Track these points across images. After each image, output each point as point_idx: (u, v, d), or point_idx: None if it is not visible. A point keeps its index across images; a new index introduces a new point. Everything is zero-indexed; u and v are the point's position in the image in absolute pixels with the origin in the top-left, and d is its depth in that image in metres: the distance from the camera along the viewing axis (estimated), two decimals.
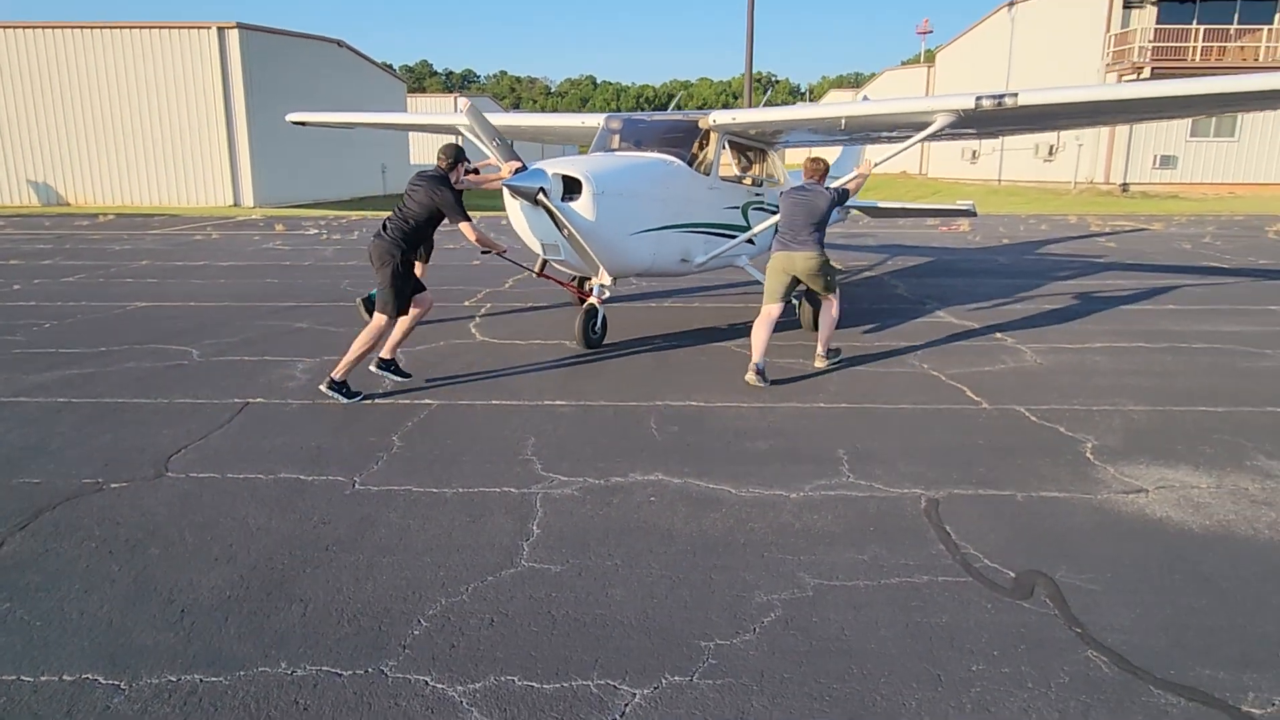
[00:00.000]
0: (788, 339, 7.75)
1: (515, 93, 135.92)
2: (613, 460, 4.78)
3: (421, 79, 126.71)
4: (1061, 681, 2.78)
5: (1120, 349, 7.51)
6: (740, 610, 3.22)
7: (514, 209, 7.07)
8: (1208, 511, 4.10)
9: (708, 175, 8.29)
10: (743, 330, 8.21)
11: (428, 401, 5.89)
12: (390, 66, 47.91)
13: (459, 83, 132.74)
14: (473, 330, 8.33)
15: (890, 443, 5.08)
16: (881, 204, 13.79)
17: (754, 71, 26.87)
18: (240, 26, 27.21)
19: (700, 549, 3.72)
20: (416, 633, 3.05)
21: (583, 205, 6.79)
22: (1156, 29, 29.04)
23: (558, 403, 5.88)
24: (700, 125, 8.37)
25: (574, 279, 8.48)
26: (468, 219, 6.08)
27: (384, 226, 6.05)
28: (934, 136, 8.23)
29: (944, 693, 2.73)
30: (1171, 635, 3.04)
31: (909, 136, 8.56)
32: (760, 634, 3.06)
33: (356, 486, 4.39)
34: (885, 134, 9.71)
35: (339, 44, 34.89)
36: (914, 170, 46.81)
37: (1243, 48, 29.40)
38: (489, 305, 9.74)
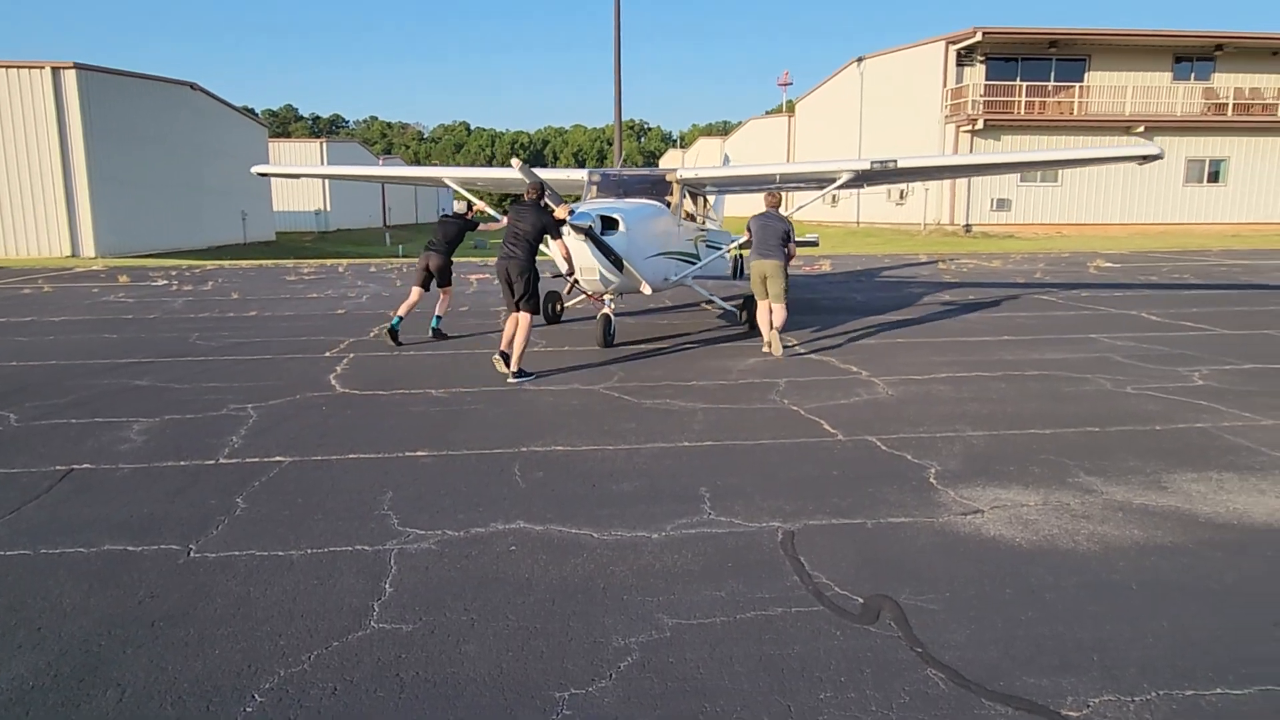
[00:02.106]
0: (657, 365, 7.86)
1: (386, 138, 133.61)
2: (473, 511, 4.66)
3: (286, 123, 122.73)
4: (902, 702, 2.89)
5: (961, 378, 8.03)
6: (597, 656, 3.19)
7: (568, 239, 8.70)
8: (1035, 528, 4.40)
9: (676, 215, 10.70)
10: (613, 375, 8.29)
11: (278, 459, 5.59)
12: (251, 110, 46.21)
13: (326, 127, 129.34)
14: (332, 381, 8.01)
15: (751, 478, 5.21)
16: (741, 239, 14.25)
17: (627, 119, 27.54)
18: (78, 67, 25.62)
19: (560, 597, 3.67)
20: (249, 709, 2.84)
21: (618, 237, 8.97)
22: (986, 84, 31.89)
23: (419, 453, 5.71)
24: (668, 179, 11.00)
25: (600, 294, 9.93)
26: (560, 236, 8.46)
27: (509, 254, 7.91)
28: (839, 188, 11.20)
29: None
30: (1001, 648, 3.23)
31: (821, 187, 11.83)
32: (616, 679, 3.04)
33: (192, 555, 4.09)
34: (803, 186, 12.92)
35: (192, 87, 33.38)
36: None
37: (1059, 102, 32.66)
38: (351, 355, 9.40)
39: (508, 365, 7.89)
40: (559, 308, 11.69)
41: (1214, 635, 3.32)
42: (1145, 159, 10.20)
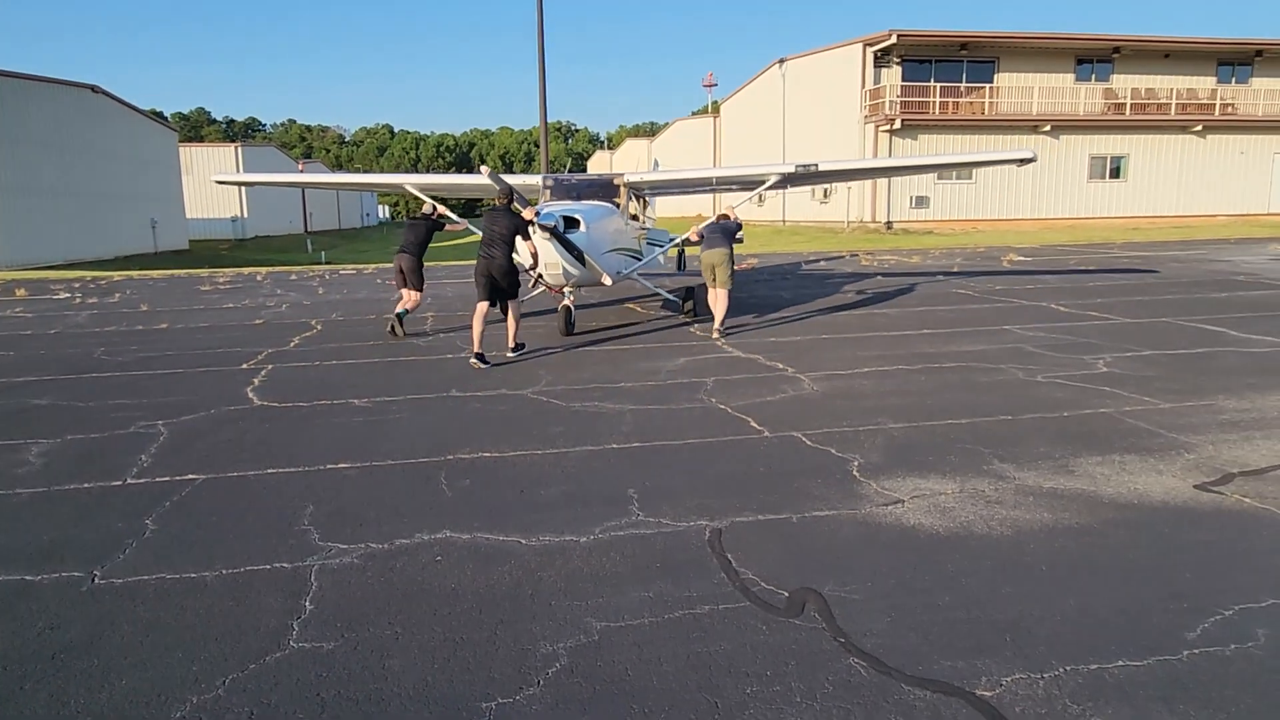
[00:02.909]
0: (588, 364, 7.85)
1: (306, 142, 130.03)
2: (398, 522, 4.57)
3: (198, 127, 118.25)
4: (826, 691, 2.95)
5: (884, 372, 8.26)
6: (525, 664, 3.16)
7: (535, 238, 9.56)
8: (952, 515, 4.55)
9: (624, 215, 11.94)
10: (540, 379, 8.24)
11: (191, 477, 5.38)
12: (160, 114, 44.33)
13: (241, 131, 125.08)
14: (250, 394, 7.74)
15: (678, 478, 5.25)
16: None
17: (554, 121, 27.41)
18: None
19: (486, 606, 3.63)
20: None
21: (580, 235, 10.05)
22: (902, 85, 32.86)
23: (341, 466, 5.57)
24: (616, 182, 12.20)
25: (559, 288, 10.83)
26: (529, 236, 9.45)
27: (489, 254, 8.93)
28: (767, 189, 13.24)
29: (720, 719, 2.81)
30: (920, 633, 3.33)
31: (752, 189, 13.90)
32: (545, 686, 3.02)
33: (96, 581, 3.90)
34: (735, 187, 14.86)
35: (94, 89, 31.86)
36: (708, 214, 49.46)
37: (971, 103, 33.90)
38: (270, 367, 9.11)
39: (484, 362, 8.78)
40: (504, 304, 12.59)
41: (1116, 610, 3.49)
42: (1022, 162, 12.12)
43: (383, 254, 34.75)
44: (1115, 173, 35.05)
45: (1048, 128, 33.53)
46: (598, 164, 77.71)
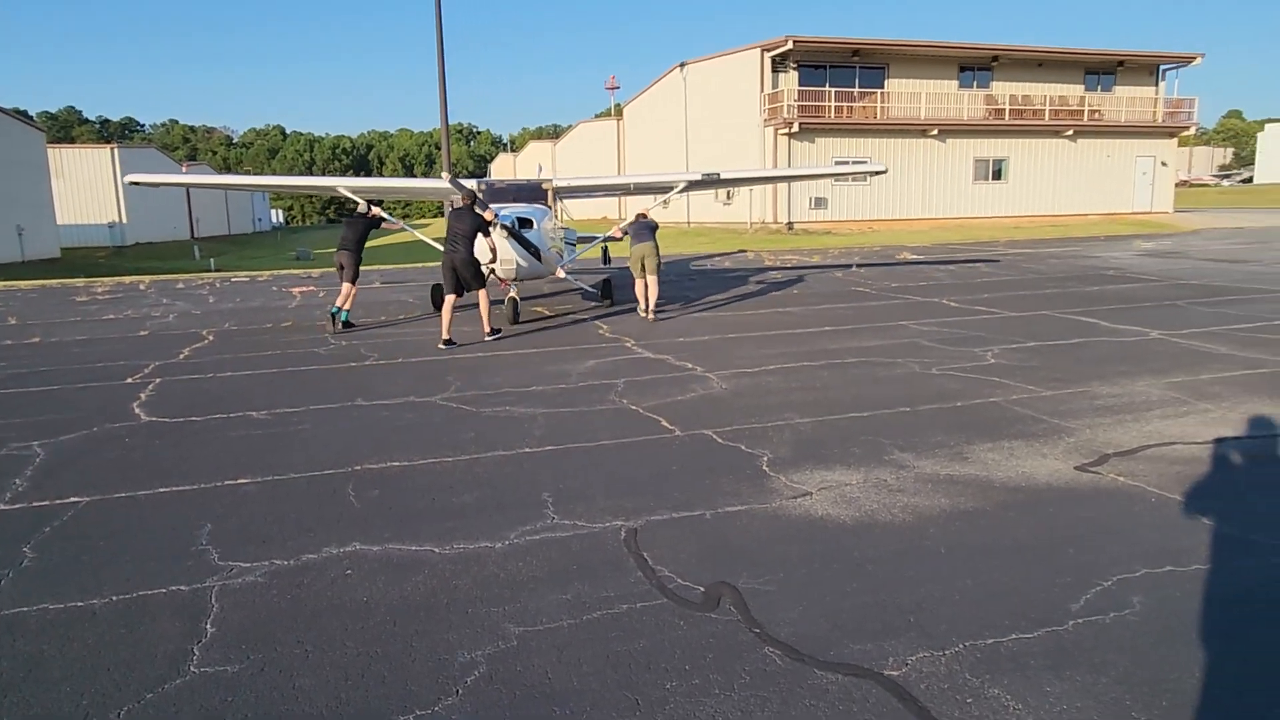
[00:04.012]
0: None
1: (190, 143, 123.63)
2: (304, 537, 4.42)
3: (69, 127, 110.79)
4: (743, 681, 3.03)
5: (789, 369, 8.50)
6: (443, 674, 3.12)
7: (494, 235, 10.76)
8: (857, 505, 4.73)
9: (554, 216, 13.28)
10: (449, 385, 8.11)
11: (73, 500, 5.05)
12: (25, 113, 41.23)
13: (118, 131, 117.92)
14: (136, 410, 7.32)
15: (593, 479, 5.26)
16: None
17: (456, 123, 26.95)
18: None
19: (401, 617, 3.55)
20: None
21: (534, 232, 11.40)
22: (799, 90, 33.80)
23: (240, 481, 5.34)
24: (545, 187, 13.68)
25: (508, 282, 11.93)
26: (489, 234, 10.63)
27: (453, 249, 10.21)
28: (678, 193, 14.68)
29: (641, 716, 2.85)
30: (830, 620, 3.45)
31: (662, 193, 15.16)
32: (463, 695, 2.98)
33: None
34: (646, 192, 15.99)
35: None
36: (614, 215, 49.65)
37: (865, 107, 35.17)
38: (158, 380, 8.63)
39: (450, 345, 10.06)
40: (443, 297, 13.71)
41: (1009, 587, 3.71)
42: (876, 174, 15.59)
43: (277, 260, 33.37)
44: (997, 174, 37.03)
45: (935, 131, 35.14)
46: (501, 166, 76.79)
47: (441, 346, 10.05)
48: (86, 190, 46.32)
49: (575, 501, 4.85)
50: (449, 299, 10.30)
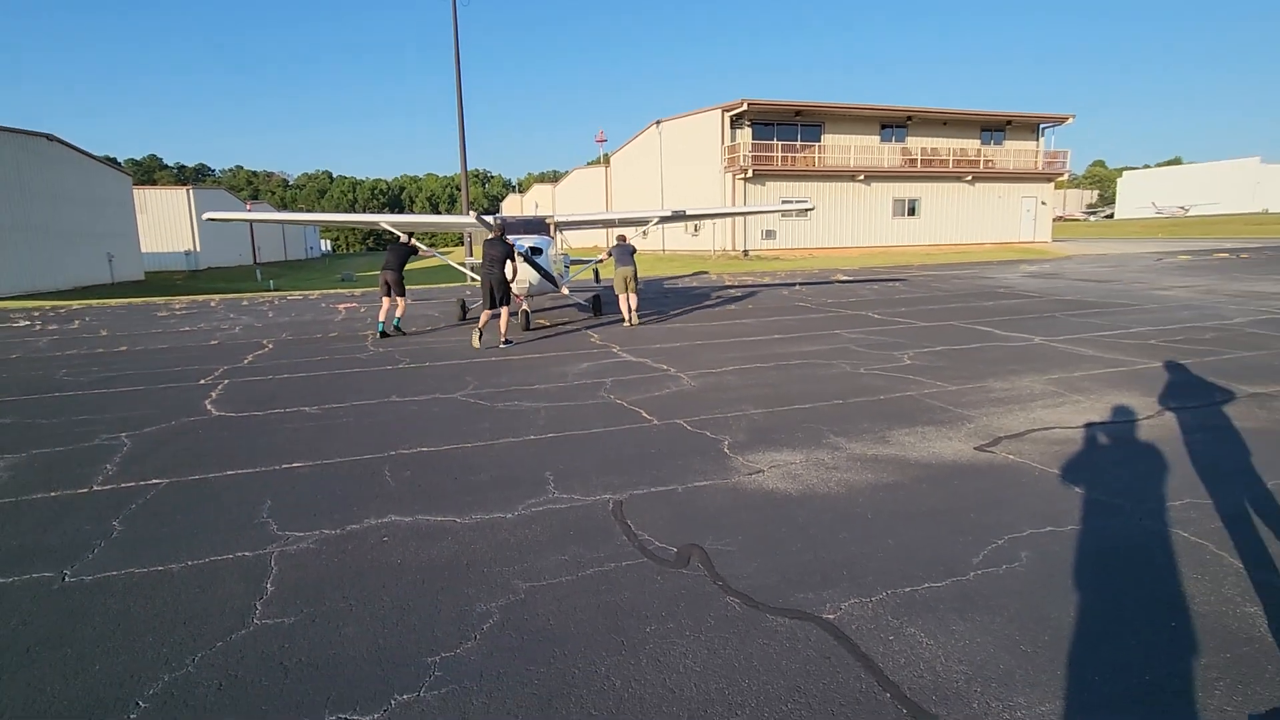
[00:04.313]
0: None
1: (253, 185, 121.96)
2: (348, 510, 4.37)
3: (150, 172, 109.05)
4: (709, 625, 3.03)
5: (746, 369, 8.51)
6: (464, 622, 3.09)
7: (518, 261, 10.96)
8: (800, 480, 4.75)
9: (556, 245, 13.34)
10: (468, 384, 8.05)
11: (155, 482, 4.96)
12: (115, 160, 40.43)
13: (192, 176, 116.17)
14: (208, 406, 7.21)
15: (587, 461, 5.24)
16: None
17: (473, 169, 26.80)
18: None
19: (429, 576, 3.52)
20: (133, 716, 2.51)
21: (544, 258, 11.89)
22: (753, 143, 33.95)
23: (295, 465, 5.27)
24: (548, 221, 13.60)
25: (523, 295, 12.12)
26: (513, 259, 10.68)
27: (490, 272, 10.42)
28: (651, 226, 14.70)
29: (626, 654, 2.84)
30: (780, 574, 3.46)
31: (641, 225, 14.97)
32: (481, 639, 2.96)
33: (66, 580, 3.54)
34: (628, 225, 15.89)
35: (49, 138, 28.78)
36: (603, 244, 49.55)
37: (805, 156, 35.37)
38: (227, 381, 8.50)
39: (480, 341, 10.51)
40: (464, 312, 14.46)
41: (922, 545, 3.73)
42: (805, 211, 15.29)
43: (326, 282, 33.01)
44: (911, 211, 37.37)
45: (862, 177, 35.41)
46: (510, 205, 76.40)
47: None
48: (167, 224, 45.72)
49: (572, 479, 4.83)
50: (486, 313, 10.60)
